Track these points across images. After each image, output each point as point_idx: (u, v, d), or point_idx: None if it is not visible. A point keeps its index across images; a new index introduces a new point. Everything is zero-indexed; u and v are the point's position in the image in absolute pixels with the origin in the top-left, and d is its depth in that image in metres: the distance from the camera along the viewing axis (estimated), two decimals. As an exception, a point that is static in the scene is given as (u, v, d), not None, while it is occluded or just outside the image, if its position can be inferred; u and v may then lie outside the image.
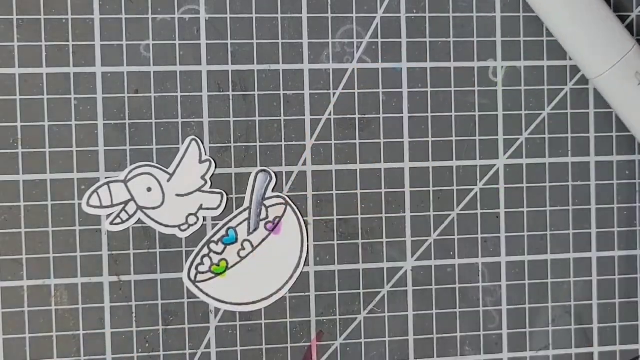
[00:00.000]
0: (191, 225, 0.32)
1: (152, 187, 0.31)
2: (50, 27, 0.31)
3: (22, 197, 0.31)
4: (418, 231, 0.33)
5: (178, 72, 0.32)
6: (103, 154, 0.31)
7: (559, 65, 0.34)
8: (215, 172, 0.32)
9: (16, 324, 0.31)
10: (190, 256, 0.32)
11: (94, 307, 0.31)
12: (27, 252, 0.31)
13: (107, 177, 0.31)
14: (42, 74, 0.31)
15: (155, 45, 0.31)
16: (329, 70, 0.32)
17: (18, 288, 0.31)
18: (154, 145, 0.31)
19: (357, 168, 0.33)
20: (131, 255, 0.31)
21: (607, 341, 0.34)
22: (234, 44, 0.32)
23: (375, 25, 0.33)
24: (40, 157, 0.31)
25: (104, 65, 0.31)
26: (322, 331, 0.33)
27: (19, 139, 0.31)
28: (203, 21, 0.32)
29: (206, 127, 0.32)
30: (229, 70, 0.32)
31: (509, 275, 0.34)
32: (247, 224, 0.32)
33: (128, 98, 0.31)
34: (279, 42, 0.32)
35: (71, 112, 0.31)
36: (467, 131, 0.33)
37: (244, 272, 0.32)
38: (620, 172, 0.34)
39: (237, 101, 0.32)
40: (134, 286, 0.31)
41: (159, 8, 0.31)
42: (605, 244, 0.34)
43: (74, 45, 0.31)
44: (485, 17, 0.33)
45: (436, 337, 0.33)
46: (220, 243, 0.32)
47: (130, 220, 0.31)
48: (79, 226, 0.31)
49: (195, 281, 0.32)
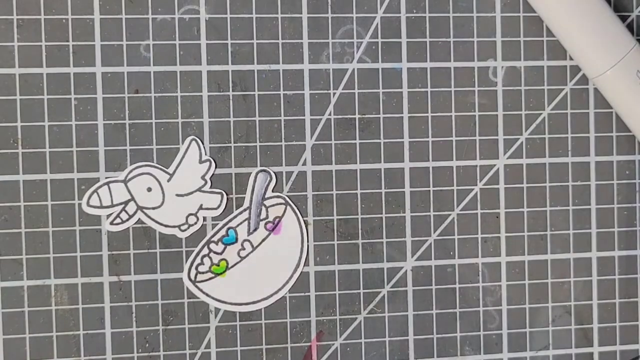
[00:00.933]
0: (191, 225, 0.32)
1: (152, 187, 0.31)
2: (50, 27, 0.31)
3: (22, 197, 0.31)
4: (418, 231, 0.33)
5: (178, 72, 0.32)
6: (103, 154, 0.31)
7: (559, 65, 0.34)
8: (215, 172, 0.32)
9: (16, 324, 0.31)
10: (190, 256, 0.32)
11: (94, 307, 0.31)
12: (27, 252, 0.31)
13: (107, 177, 0.31)
14: (42, 74, 0.31)
15: (155, 45, 0.31)
16: (329, 70, 0.32)
17: (18, 288, 0.31)
18: (154, 145, 0.31)
19: (357, 168, 0.33)
20: (131, 255, 0.31)
21: (607, 341, 0.34)
22: (234, 44, 0.32)
23: (375, 25, 0.33)
24: (40, 157, 0.31)
25: (104, 65, 0.31)
26: (322, 331, 0.33)
27: (19, 139, 0.31)
28: (203, 21, 0.32)
29: (206, 127, 0.32)
30: (229, 70, 0.32)
31: (509, 275, 0.34)
32: (247, 224, 0.32)
33: (128, 98, 0.31)
34: (279, 42, 0.32)
35: (71, 112, 0.31)
36: (467, 131, 0.33)
37: (244, 272, 0.32)
38: (620, 172, 0.34)
39: (237, 101, 0.32)
40: (134, 286, 0.31)
41: (159, 8, 0.31)
42: (605, 244, 0.34)
43: (74, 45, 0.31)
44: (485, 17, 0.33)
45: (436, 337, 0.33)
46: (220, 243, 0.32)
47: (130, 220, 0.31)
48: (79, 226, 0.31)
49: (195, 281, 0.32)
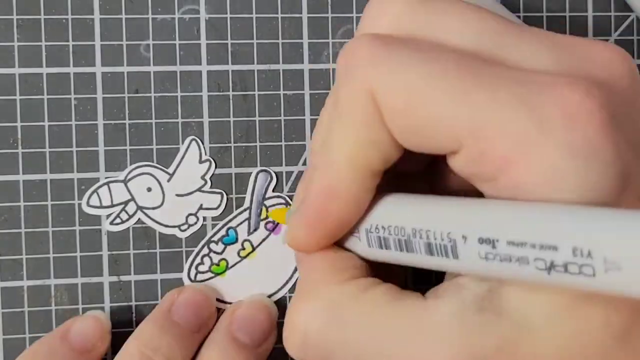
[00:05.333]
0: (191, 225, 0.32)
1: (152, 187, 0.31)
2: (50, 27, 0.31)
3: (22, 197, 0.31)
4: (418, 231, 0.33)
5: (178, 72, 0.32)
6: (103, 154, 0.31)
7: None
8: (215, 172, 0.32)
9: (16, 324, 0.31)
10: (190, 256, 0.32)
11: (94, 307, 0.31)
12: (27, 252, 0.31)
13: (107, 177, 0.31)
14: (42, 74, 0.31)
15: (155, 45, 0.31)
16: (329, 70, 0.32)
17: (18, 288, 0.31)
18: (154, 145, 0.31)
19: (357, 168, 0.33)
20: (131, 255, 0.31)
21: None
22: (234, 43, 0.32)
23: (375, 25, 0.33)
24: (40, 157, 0.31)
25: (104, 65, 0.31)
26: (322, 331, 0.33)
27: (18, 139, 0.31)
28: (203, 21, 0.32)
29: (206, 127, 0.32)
30: (229, 70, 0.32)
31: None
32: (248, 224, 0.32)
33: (128, 98, 0.31)
34: (279, 42, 0.32)
35: (71, 112, 0.31)
36: (467, 131, 0.33)
37: (244, 272, 0.32)
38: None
39: (237, 101, 0.32)
40: (134, 286, 0.31)
41: (159, 8, 0.31)
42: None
43: (74, 45, 0.31)
44: (485, 17, 0.33)
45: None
46: (220, 243, 0.32)
47: (130, 220, 0.31)
48: (79, 226, 0.31)
49: (195, 281, 0.32)
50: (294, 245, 0.24)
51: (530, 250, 0.18)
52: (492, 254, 0.19)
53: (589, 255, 0.17)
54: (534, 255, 0.18)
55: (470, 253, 0.19)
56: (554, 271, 0.18)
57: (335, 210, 0.22)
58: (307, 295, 0.23)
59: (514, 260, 0.18)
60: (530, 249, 0.18)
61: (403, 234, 0.21)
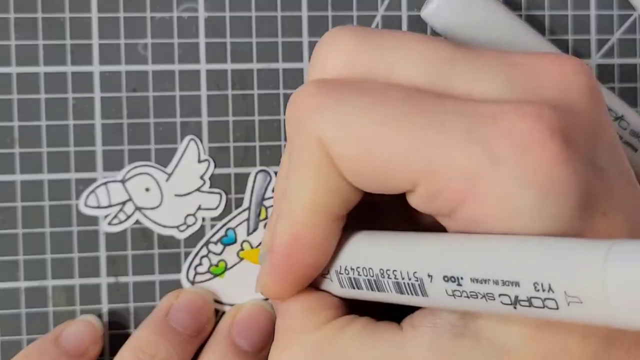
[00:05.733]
0: (190, 226, 0.31)
1: (150, 187, 0.31)
2: (48, 25, 0.31)
3: (19, 198, 0.31)
4: (419, 232, 0.33)
5: (176, 71, 0.31)
6: (101, 154, 0.31)
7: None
8: (214, 172, 0.32)
9: (13, 326, 0.31)
10: (189, 257, 0.31)
11: (91, 309, 0.31)
12: (24, 253, 0.31)
13: (105, 177, 0.31)
14: (39, 73, 0.31)
15: (153, 44, 0.31)
16: (329, 69, 0.32)
17: (15, 289, 0.31)
18: (152, 144, 0.31)
19: (358, 168, 0.32)
20: (129, 256, 0.31)
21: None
22: (233, 42, 0.32)
23: (376, 23, 0.32)
24: (37, 156, 0.31)
25: (101, 64, 0.31)
26: (322, 333, 0.32)
27: (15, 139, 0.31)
28: (202, 19, 0.32)
29: (205, 127, 0.32)
30: (227, 69, 0.32)
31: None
32: (247, 225, 0.32)
33: (126, 97, 0.31)
34: (278, 40, 0.32)
35: (68, 112, 0.31)
36: (468, 130, 0.33)
37: (243, 273, 0.32)
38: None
39: (236, 100, 0.32)
40: (132, 287, 0.31)
41: (157, 6, 0.31)
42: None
43: (71, 43, 0.31)
44: (486, 15, 0.33)
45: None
46: (219, 243, 0.32)
47: (128, 220, 0.31)
48: (77, 227, 0.31)
49: (193, 282, 0.31)
50: (267, 294, 0.23)
51: (494, 286, 0.18)
52: (459, 291, 0.19)
53: (550, 289, 0.17)
54: (498, 291, 0.18)
55: (438, 291, 0.19)
56: (519, 305, 0.17)
57: (302, 258, 0.22)
58: (288, 344, 0.23)
59: (480, 297, 0.18)
60: (493, 286, 0.18)
61: (372, 275, 0.21)
